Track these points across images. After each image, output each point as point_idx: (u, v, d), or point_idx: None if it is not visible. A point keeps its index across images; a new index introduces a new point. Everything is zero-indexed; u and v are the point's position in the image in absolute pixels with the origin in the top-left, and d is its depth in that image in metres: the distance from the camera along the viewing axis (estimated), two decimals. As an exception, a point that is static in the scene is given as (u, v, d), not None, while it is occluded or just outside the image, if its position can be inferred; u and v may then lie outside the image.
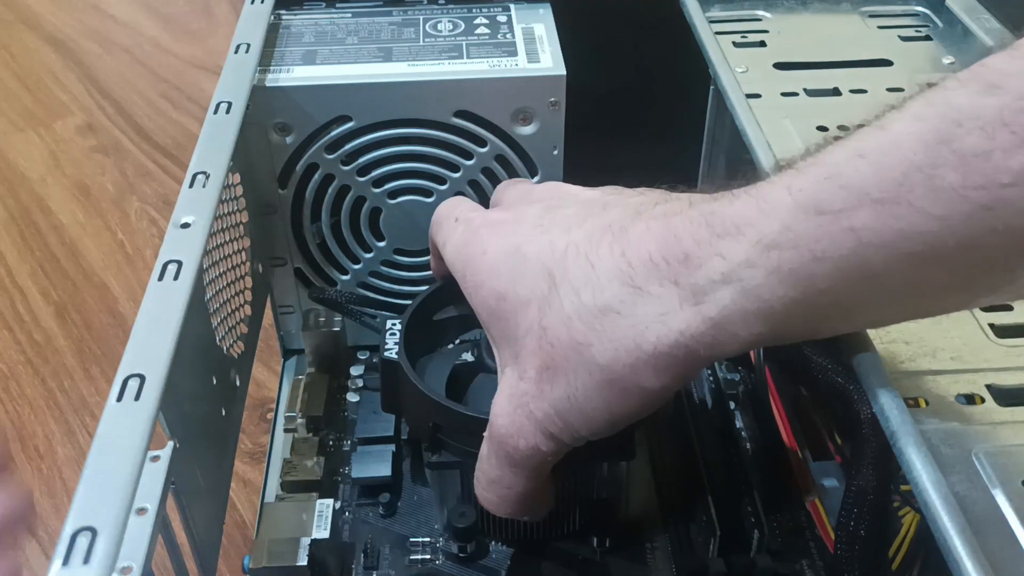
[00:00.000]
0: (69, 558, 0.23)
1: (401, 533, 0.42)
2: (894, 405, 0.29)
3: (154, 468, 0.29)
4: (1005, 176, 0.21)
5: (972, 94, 0.22)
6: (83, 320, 0.77)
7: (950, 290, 0.25)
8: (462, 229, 0.36)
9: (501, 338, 0.33)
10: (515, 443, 0.31)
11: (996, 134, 0.21)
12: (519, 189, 0.39)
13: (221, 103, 0.40)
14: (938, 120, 0.23)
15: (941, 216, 0.22)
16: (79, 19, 1.19)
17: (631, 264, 0.28)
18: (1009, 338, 0.34)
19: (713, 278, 0.26)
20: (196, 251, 0.32)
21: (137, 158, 0.96)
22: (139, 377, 0.27)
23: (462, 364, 0.39)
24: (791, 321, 0.26)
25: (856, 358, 0.31)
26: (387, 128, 0.45)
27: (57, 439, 0.68)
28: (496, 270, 0.32)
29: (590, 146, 0.47)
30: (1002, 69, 0.22)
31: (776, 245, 0.25)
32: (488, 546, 0.41)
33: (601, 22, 0.51)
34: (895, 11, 0.52)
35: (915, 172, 0.23)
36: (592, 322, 0.29)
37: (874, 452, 0.30)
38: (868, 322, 0.28)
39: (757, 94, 0.45)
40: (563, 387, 0.30)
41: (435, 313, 0.41)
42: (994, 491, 0.28)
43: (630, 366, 0.28)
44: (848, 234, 0.24)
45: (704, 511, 0.40)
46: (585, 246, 0.30)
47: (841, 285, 0.25)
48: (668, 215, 0.29)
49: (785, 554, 0.40)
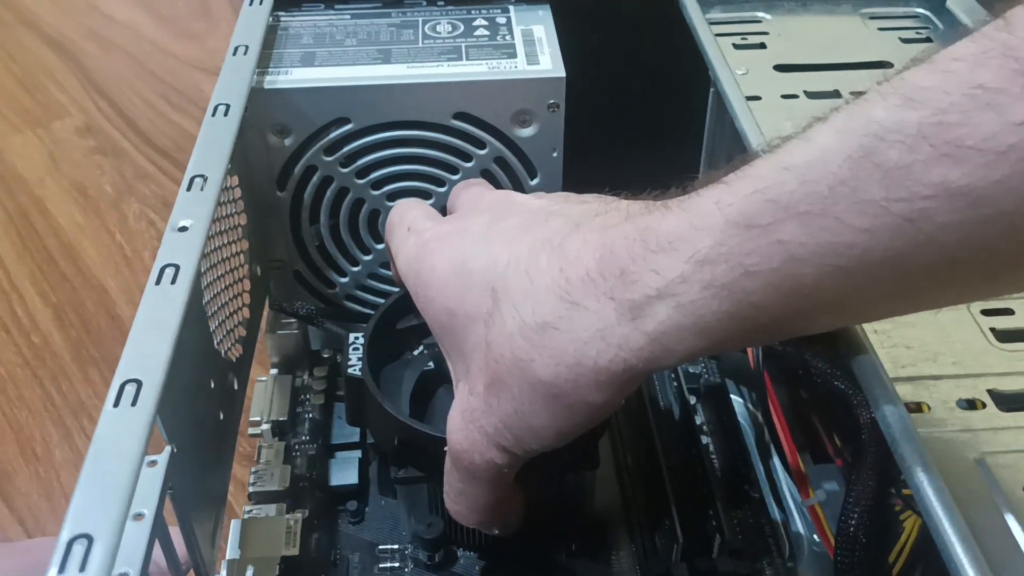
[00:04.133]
0: (65, 565, 0.23)
1: (370, 540, 0.42)
2: (895, 410, 0.29)
3: (151, 473, 0.28)
4: (925, 189, 0.22)
5: (893, 108, 0.22)
6: (81, 322, 0.77)
7: (881, 300, 0.25)
8: (412, 241, 0.36)
9: (453, 352, 0.33)
10: (471, 458, 0.32)
11: (916, 147, 0.22)
12: (470, 194, 0.39)
13: (219, 105, 0.39)
14: (861, 134, 0.23)
15: (866, 229, 0.23)
16: (78, 20, 1.19)
17: (568, 279, 0.28)
18: (1010, 343, 0.34)
19: (649, 294, 0.27)
20: (194, 255, 0.32)
21: (136, 159, 0.96)
22: (136, 382, 0.27)
23: (426, 373, 0.39)
24: (728, 333, 0.26)
25: (856, 363, 0.31)
26: (386, 130, 0.45)
27: (55, 442, 0.68)
28: (444, 287, 0.33)
29: (590, 149, 0.47)
30: (921, 84, 0.22)
31: (709, 260, 0.25)
32: (456, 553, 0.41)
33: (601, 24, 0.51)
34: (896, 13, 0.52)
35: (840, 186, 0.23)
36: (532, 338, 0.29)
37: (874, 457, 0.30)
38: (801, 330, 0.28)
39: (757, 96, 0.45)
40: (509, 402, 0.30)
41: (398, 322, 0.41)
42: (996, 497, 0.28)
43: (572, 381, 0.28)
44: (777, 247, 0.24)
45: (667, 516, 0.41)
46: (525, 260, 0.30)
47: (773, 297, 0.25)
48: (605, 228, 0.29)
49: (746, 552, 0.40)
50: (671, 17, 0.50)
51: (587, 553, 0.41)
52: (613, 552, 0.42)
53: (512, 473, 0.33)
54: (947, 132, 0.21)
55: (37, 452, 0.67)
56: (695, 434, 0.45)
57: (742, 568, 0.39)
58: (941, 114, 0.21)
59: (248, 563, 0.38)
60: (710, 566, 0.39)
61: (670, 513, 0.40)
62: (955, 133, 0.21)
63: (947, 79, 0.22)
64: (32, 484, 0.65)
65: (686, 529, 0.40)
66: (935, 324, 0.35)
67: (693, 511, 0.41)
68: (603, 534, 0.42)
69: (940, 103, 0.22)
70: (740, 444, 0.45)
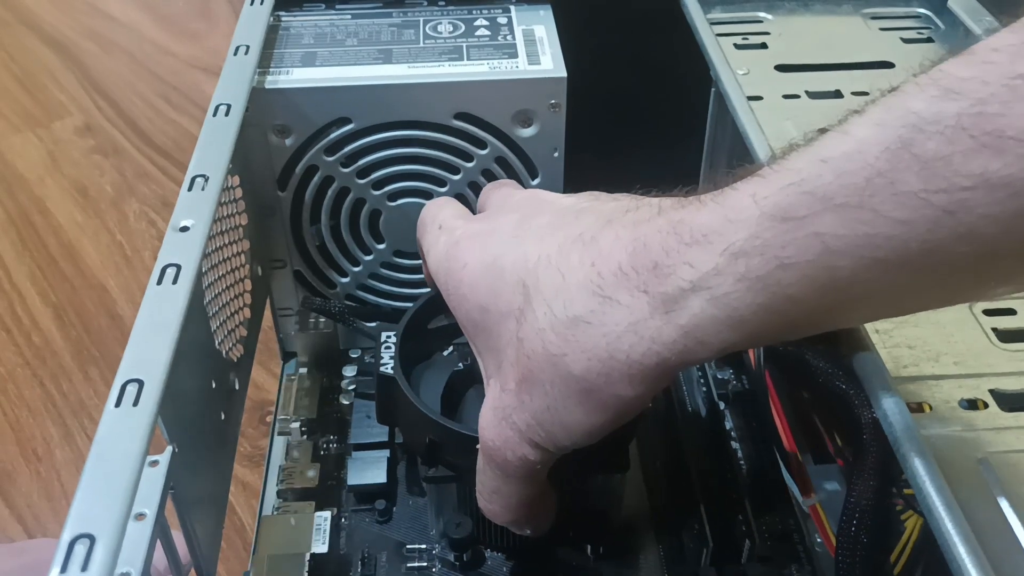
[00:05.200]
0: (67, 565, 0.23)
1: (398, 540, 0.42)
2: (897, 410, 0.29)
3: (153, 473, 0.28)
4: (965, 180, 0.21)
5: (931, 99, 0.22)
6: (81, 322, 0.77)
7: (918, 292, 0.25)
8: (444, 239, 0.36)
9: (485, 350, 0.33)
10: (503, 455, 0.32)
11: (955, 138, 0.22)
12: (500, 194, 0.39)
13: (220, 105, 0.39)
14: (899, 125, 0.23)
15: (904, 220, 0.23)
16: (78, 20, 1.19)
17: (600, 274, 0.28)
18: (1013, 343, 0.34)
19: (682, 287, 0.26)
20: (195, 255, 0.32)
21: (136, 159, 0.96)
22: (137, 382, 0.27)
23: (457, 373, 0.39)
24: (762, 326, 0.26)
25: (858, 362, 0.31)
26: (387, 130, 0.45)
27: (55, 442, 0.68)
28: (476, 284, 0.33)
29: (591, 148, 0.47)
30: (959, 75, 0.22)
31: (743, 253, 0.25)
32: (484, 554, 0.41)
33: (602, 24, 0.51)
34: (897, 13, 0.52)
35: (877, 177, 0.23)
36: (564, 333, 0.29)
37: (876, 457, 0.30)
38: (836, 324, 0.28)
39: (759, 96, 0.45)
40: (542, 398, 0.30)
41: (429, 322, 0.41)
42: (998, 497, 0.28)
43: (604, 376, 0.28)
44: (814, 240, 0.24)
45: (696, 520, 0.40)
46: (556, 257, 0.30)
47: (809, 290, 0.25)
48: (637, 223, 0.29)
49: (775, 559, 0.40)
50: (672, 17, 0.50)
51: (614, 556, 0.41)
52: (640, 555, 0.42)
53: (545, 470, 0.32)
54: (987, 123, 0.21)
55: (38, 452, 0.67)
56: (724, 440, 0.45)
57: (770, 574, 0.39)
58: (981, 105, 0.21)
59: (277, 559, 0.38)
60: (739, 572, 0.39)
61: (699, 517, 0.40)
62: (995, 124, 0.21)
63: (986, 70, 0.22)
64: (32, 484, 0.65)
65: (716, 533, 0.39)
66: (937, 324, 0.35)
67: (722, 516, 0.40)
68: (631, 537, 0.42)
69: (979, 94, 0.21)
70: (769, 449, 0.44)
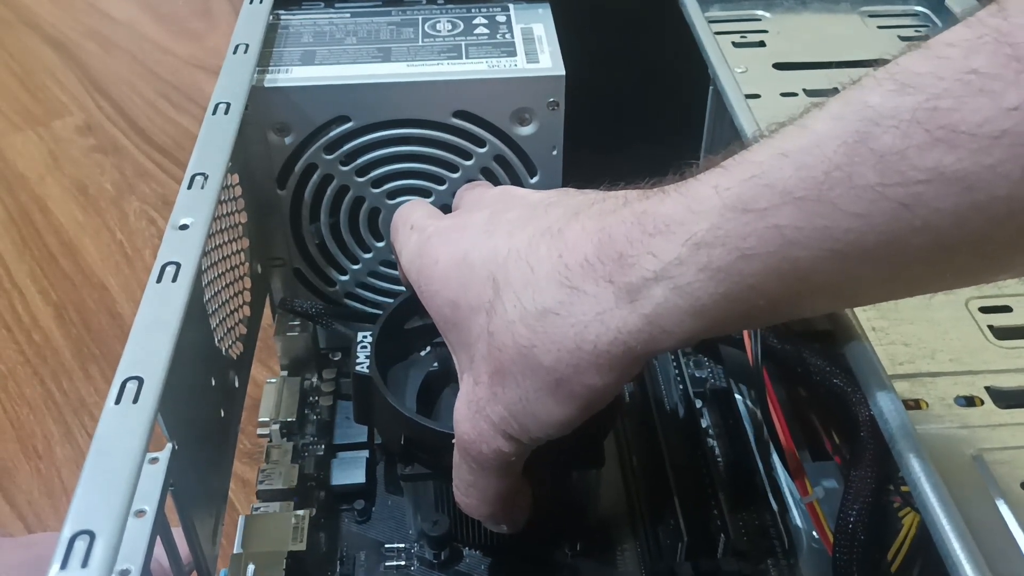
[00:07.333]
0: (67, 561, 0.23)
1: (376, 539, 0.42)
2: (893, 407, 0.29)
3: (153, 470, 0.29)
4: (920, 174, 0.22)
5: (888, 94, 0.23)
6: (82, 320, 0.77)
7: (877, 284, 0.26)
8: (416, 238, 0.36)
9: (458, 345, 0.34)
10: (478, 448, 0.32)
11: (911, 133, 0.22)
12: (473, 194, 0.39)
13: (220, 104, 0.40)
14: (856, 119, 0.23)
15: (861, 214, 0.23)
16: (78, 19, 1.19)
17: (568, 265, 0.29)
18: (1008, 340, 0.34)
19: (646, 276, 0.27)
20: (195, 253, 0.32)
21: (136, 158, 0.96)
22: (137, 379, 0.27)
23: (432, 373, 0.39)
24: (724, 315, 0.27)
25: (854, 360, 0.31)
26: (386, 128, 0.45)
27: (56, 439, 0.68)
28: (447, 279, 0.33)
29: (589, 147, 0.47)
30: (915, 70, 0.22)
31: (705, 243, 0.26)
32: (462, 552, 0.41)
33: (600, 22, 0.51)
34: (895, 11, 0.52)
35: (835, 171, 0.23)
36: (534, 325, 0.29)
37: (873, 454, 0.30)
38: (798, 313, 0.28)
39: (756, 94, 0.45)
40: (514, 390, 0.30)
41: (406, 322, 0.41)
42: (993, 494, 0.28)
43: (573, 366, 0.29)
44: (774, 231, 0.24)
45: (672, 515, 0.41)
46: (525, 250, 0.30)
47: (770, 280, 0.25)
48: (603, 214, 0.29)
49: (751, 554, 0.40)
50: (671, 15, 0.50)
51: (592, 552, 0.42)
52: (618, 551, 0.42)
53: (520, 462, 0.33)
54: (941, 117, 0.21)
55: (38, 449, 0.67)
56: (700, 436, 0.45)
57: (746, 568, 0.39)
58: (935, 99, 0.22)
59: (254, 557, 0.38)
60: (714, 566, 0.39)
61: (675, 512, 0.40)
62: (949, 118, 0.21)
63: (941, 65, 0.22)
64: (33, 481, 0.65)
65: (691, 528, 0.40)
66: (933, 321, 0.35)
67: (697, 511, 0.41)
68: (608, 533, 0.42)
69: (934, 88, 0.22)
70: (745, 447, 0.45)
